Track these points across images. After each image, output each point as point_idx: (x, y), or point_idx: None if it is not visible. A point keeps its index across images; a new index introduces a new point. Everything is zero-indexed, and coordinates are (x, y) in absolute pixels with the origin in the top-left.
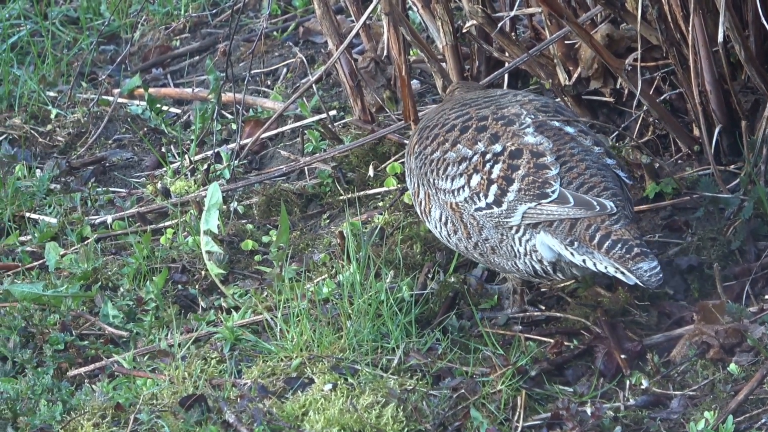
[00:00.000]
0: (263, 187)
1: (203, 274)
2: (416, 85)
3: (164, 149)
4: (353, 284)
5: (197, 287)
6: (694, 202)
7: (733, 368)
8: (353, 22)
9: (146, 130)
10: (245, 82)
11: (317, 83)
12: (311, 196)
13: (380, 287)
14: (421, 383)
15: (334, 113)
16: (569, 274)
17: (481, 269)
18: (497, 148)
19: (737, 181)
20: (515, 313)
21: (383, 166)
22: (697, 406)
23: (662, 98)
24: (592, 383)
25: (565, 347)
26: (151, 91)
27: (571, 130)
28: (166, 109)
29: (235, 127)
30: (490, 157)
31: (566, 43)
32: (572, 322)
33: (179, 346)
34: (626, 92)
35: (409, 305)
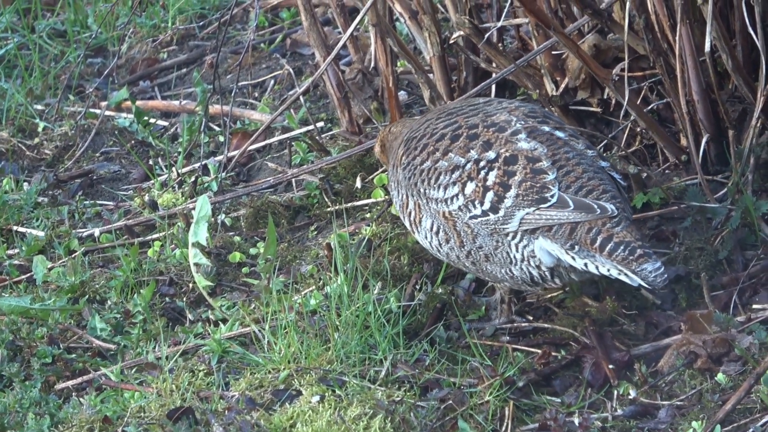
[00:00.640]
0: (251, 199)
1: (191, 286)
2: (403, 96)
3: (152, 162)
4: (341, 296)
5: (185, 300)
6: (681, 211)
7: (720, 378)
8: (340, 33)
9: (134, 142)
10: (232, 94)
11: (304, 95)
12: (299, 207)
13: (368, 299)
14: (408, 394)
15: (321, 125)
16: (566, 279)
17: (468, 281)
18: (491, 155)
19: (725, 190)
20: (503, 323)
21: (371, 177)
22: (684, 416)
23: (649, 108)
24: (579, 393)
25: (552, 358)
26: (138, 103)
27: (562, 134)
28: (153, 121)
29: (222, 139)
30: (484, 164)
31: (553, 53)
32: (560, 332)
33: (167, 358)
34: (613, 102)
35: (396, 316)
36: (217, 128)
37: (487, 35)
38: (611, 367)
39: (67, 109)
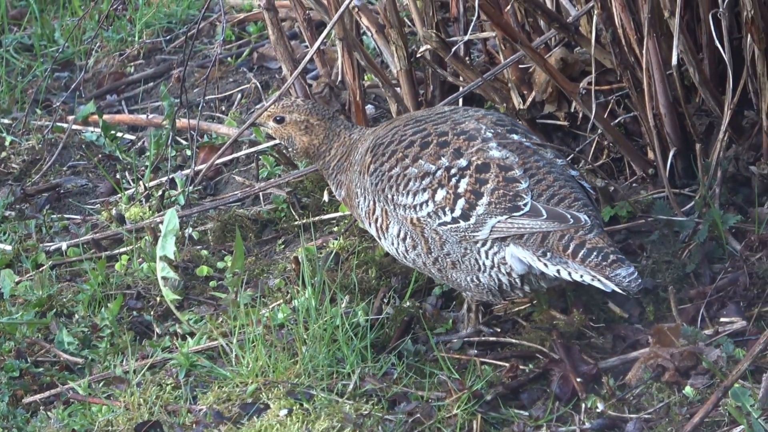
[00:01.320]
0: (218, 212)
1: (158, 300)
2: (371, 110)
3: (119, 176)
4: (308, 309)
5: (152, 313)
6: (648, 225)
7: (688, 391)
8: (307, 47)
9: (101, 156)
10: (200, 108)
11: None
12: (266, 221)
13: (335, 312)
14: (376, 408)
15: None
16: (536, 286)
17: (435, 296)
18: (462, 162)
19: (692, 204)
20: (470, 333)
21: None
22: (652, 429)
23: (617, 122)
24: (547, 407)
25: (520, 371)
26: (105, 117)
27: (530, 144)
28: (120, 135)
29: (189, 153)
30: (455, 171)
31: (520, 67)
32: (527, 346)
33: (134, 372)
34: (581, 116)
35: (364, 330)
36: (184, 142)
37: (454, 49)
38: (579, 380)
39: (34, 123)
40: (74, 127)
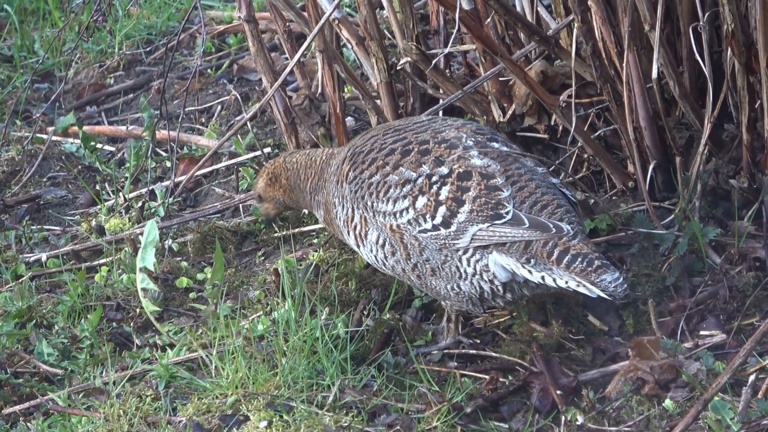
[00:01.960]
0: (198, 224)
1: (138, 311)
2: (351, 122)
3: (99, 187)
4: (288, 321)
5: (132, 325)
6: (628, 238)
7: (668, 404)
8: (287, 59)
9: (80, 167)
10: (179, 119)
11: (252, 120)
12: (246, 233)
13: (315, 324)
14: (356, 420)
15: (268, 150)
16: (519, 294)
17: (414, 309)
18: (444, 170)
19: (672, 217)
20: (450, 343)
21: None
22: None
23: (597, 134)
24: (527, 419)
25: (500, 383)
26: (85, 128)
27: (510, 152)
28: (100, 146)
29: (169, 164)
30: (437, 179)
31: (501, 79)
32: (507, 358)
33: (114, 383)
34: (561, 129)
35: (344, 342)
36: (164, 153)
37: (434, 61)
38: (559, 392)
39: (13, 134)
40: (54, 138)
